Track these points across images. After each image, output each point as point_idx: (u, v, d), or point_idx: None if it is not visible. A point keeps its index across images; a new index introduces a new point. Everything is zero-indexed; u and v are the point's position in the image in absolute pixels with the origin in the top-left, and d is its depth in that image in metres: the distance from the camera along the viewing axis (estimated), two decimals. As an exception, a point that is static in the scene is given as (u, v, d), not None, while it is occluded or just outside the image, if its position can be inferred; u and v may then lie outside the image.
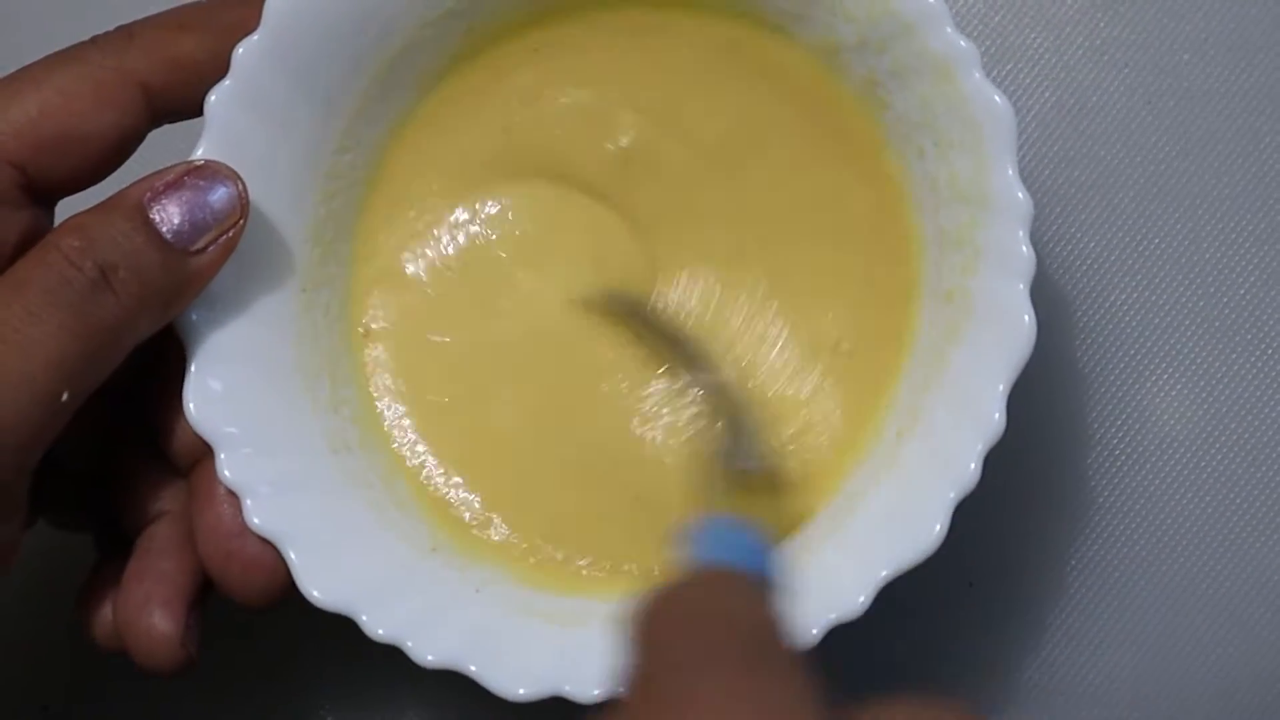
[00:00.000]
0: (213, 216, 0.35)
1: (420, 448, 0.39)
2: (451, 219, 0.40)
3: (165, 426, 0.36)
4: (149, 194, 0.34)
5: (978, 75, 0.35)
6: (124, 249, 0.33)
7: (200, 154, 0.36)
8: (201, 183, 0.35)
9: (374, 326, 0.40)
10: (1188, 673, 0.42)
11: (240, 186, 0.35)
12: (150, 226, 0.34)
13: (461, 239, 0.40)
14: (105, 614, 0.37)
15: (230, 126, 0.36)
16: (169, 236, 0.34)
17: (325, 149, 0.38)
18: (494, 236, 0.40)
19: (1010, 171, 0.35)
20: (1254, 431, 0.43)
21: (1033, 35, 0.45)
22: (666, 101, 0.40)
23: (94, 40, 0.36)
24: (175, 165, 0.35)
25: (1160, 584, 0.43)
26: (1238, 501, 0.43)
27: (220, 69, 0.36)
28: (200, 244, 0.34)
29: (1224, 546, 0.43)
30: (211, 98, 0.36)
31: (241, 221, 0.35)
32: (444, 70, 0.40)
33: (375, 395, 0.40)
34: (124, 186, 0.35)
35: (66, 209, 0.35)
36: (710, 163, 0.40)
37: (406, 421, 0.39)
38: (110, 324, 0.33)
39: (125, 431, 0.38)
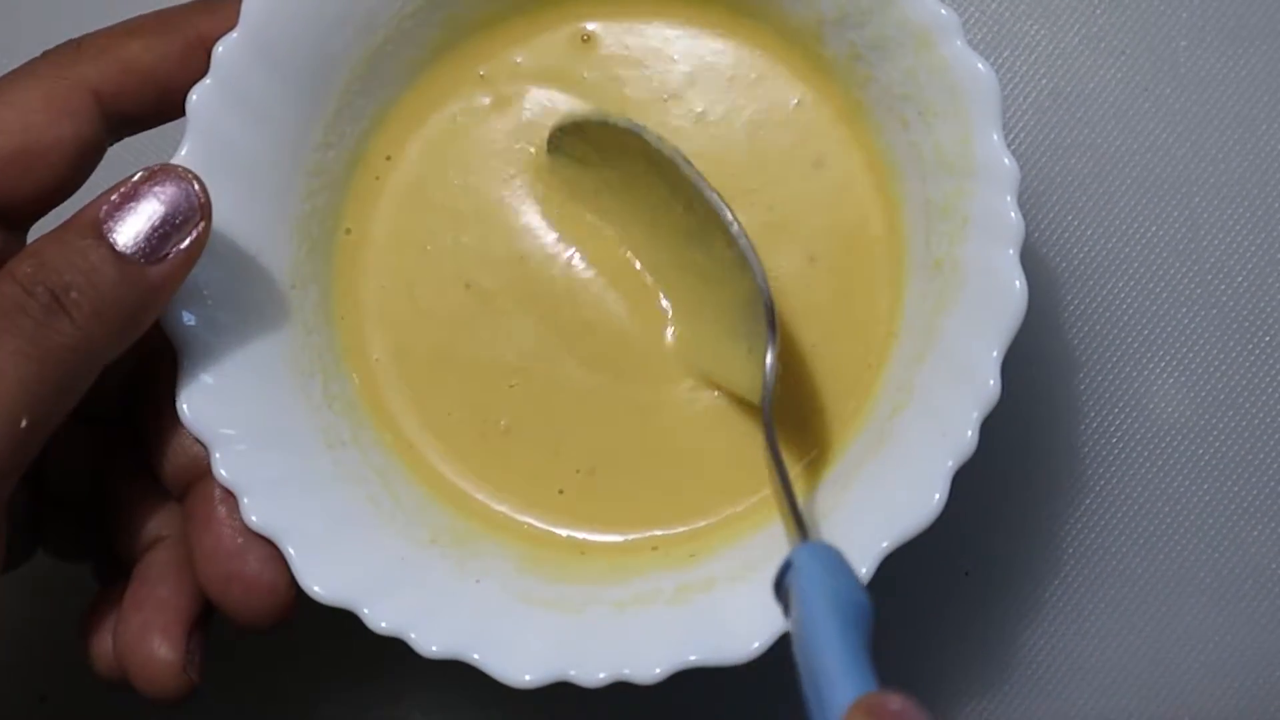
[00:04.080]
0: (171, 223, 0.34)
1: (418, 440, 0.39)
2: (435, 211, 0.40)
3: (157, 451, 0.36)
4: (105, 208, 0.34)
5: (959, 43, 0.35)
6: (79, 268, 0.33)
7: (184, 153, 0.36)
8: (157, 189, 0.34)
9: (366, 321, 0.40)
10: (1183, 657, 0.43)
11: (198, 187, 0.34)
12: (104, 242, 0.33)
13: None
14: (106, 644, 0.36)
15: (212, 125, 0.36)
16: (127, 249, 0.33)
17: (308, 145, 0.38)
18: (485, 230, 0.40)
19: (995, 138, 0.35)
20: (1251, 418, 0.43)
21: (1029, 23, 0.45)
22: (649, 89, 0.40)
23: (44, 54, 0.36)
24: (131, 175, 0.34)
25: (1156, 570, 0.43)
26: (1234, 488, 0.43)
27: (172, 72, 0.36)
28: (162, 252, 0.34)
29: (1220, 533, 0.43)
30: (193, 97, 0.36)
31: (203, 223, 0.34)
32: (425, 62, 0.40)
33: (368, 391, 0.40)
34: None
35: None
36: (693, 143, 0.40)
37: (401, 415, 0.40)
38: (67, 345, 0.32)
39: (118, 459, 0.38)
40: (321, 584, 0.35)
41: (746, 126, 0.40)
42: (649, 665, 0.34)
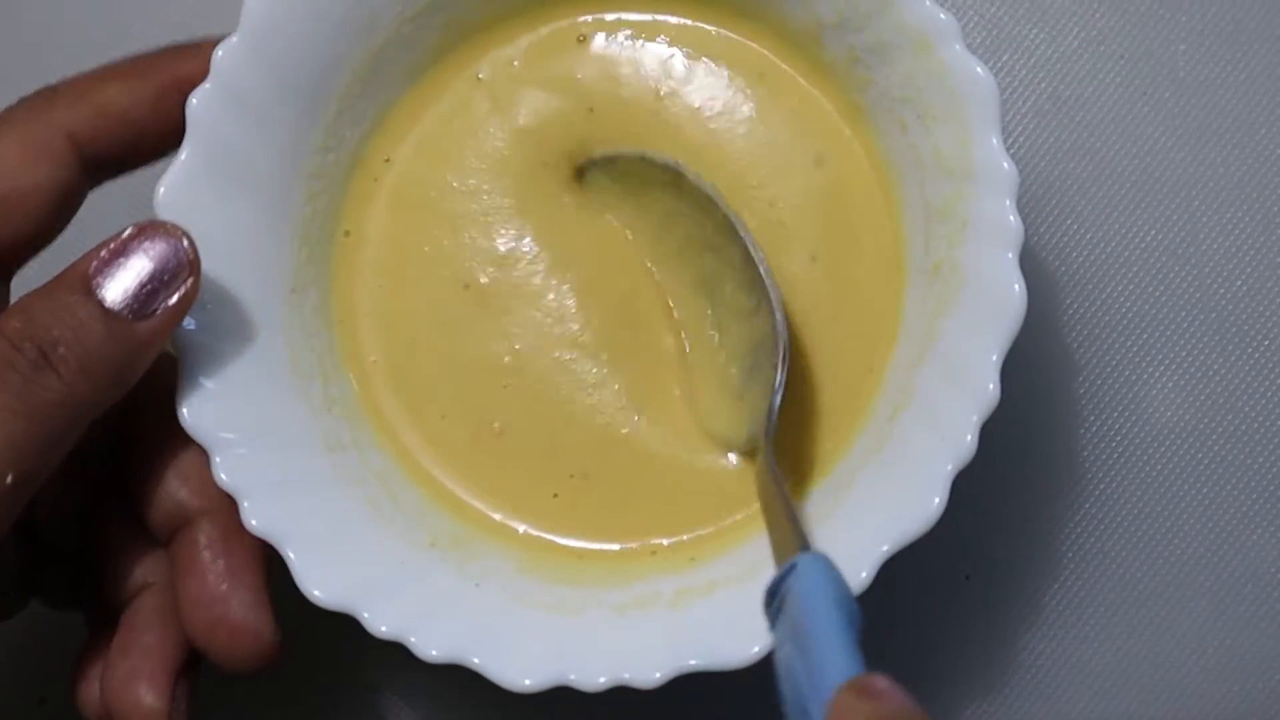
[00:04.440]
0: (159, 279, 0.34)
1: (413, 444, 0.39)
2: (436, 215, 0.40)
3: (143, 497, 0.36)
4: (94, 264, 0.34)
5: (958, 47, 0.35)
6: (67, 324, 0.33)
7: (183, 156, 0.36)
8: (146, 245, 0.34)
9: (364, 323, 0.40)
10: (1183, 660, 0.42)
11: (187, 244, 0.34)
12: (92, 298, 0.33)
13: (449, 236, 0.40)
14: (94, 691, 0.36)
15: (212, 129, 0.36)
16: (116, 305, 0.33)
17: (309, 148, 0.38)
18: (481, 231, 0.40)
19: (994, 141, 0.35)
20: (1249, 422, 0.43)
21: (1028, 26, 0.45)
22: (647, 87, 0.40)
23: (19, 101, 0.36)
24: (121, 230, 0.34)
25: (1156, 573, 0.43)
26: (1233, 491, 0.43)
27: (146, 115, 0.36)
28: (150, 308, 0.34)
29: (1218, 536, 0.43)
30: (193, 101, 0.36)
31: (191, 279, 0.34)
32: (425, 65, 0.40)
33: (367, 394, 0.40)
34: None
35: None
36: (692, 140, 0.40)
37: (400, 418, 0.40)
38: (54, 401, 0.32)
39: (106, 505, 0.37)
40: (321, 588, 0.35)
41: (746, 124, 0.40)
42: (649, 669, 0.34)
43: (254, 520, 0.35)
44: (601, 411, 0.39)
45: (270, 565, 0.36)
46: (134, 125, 0.36)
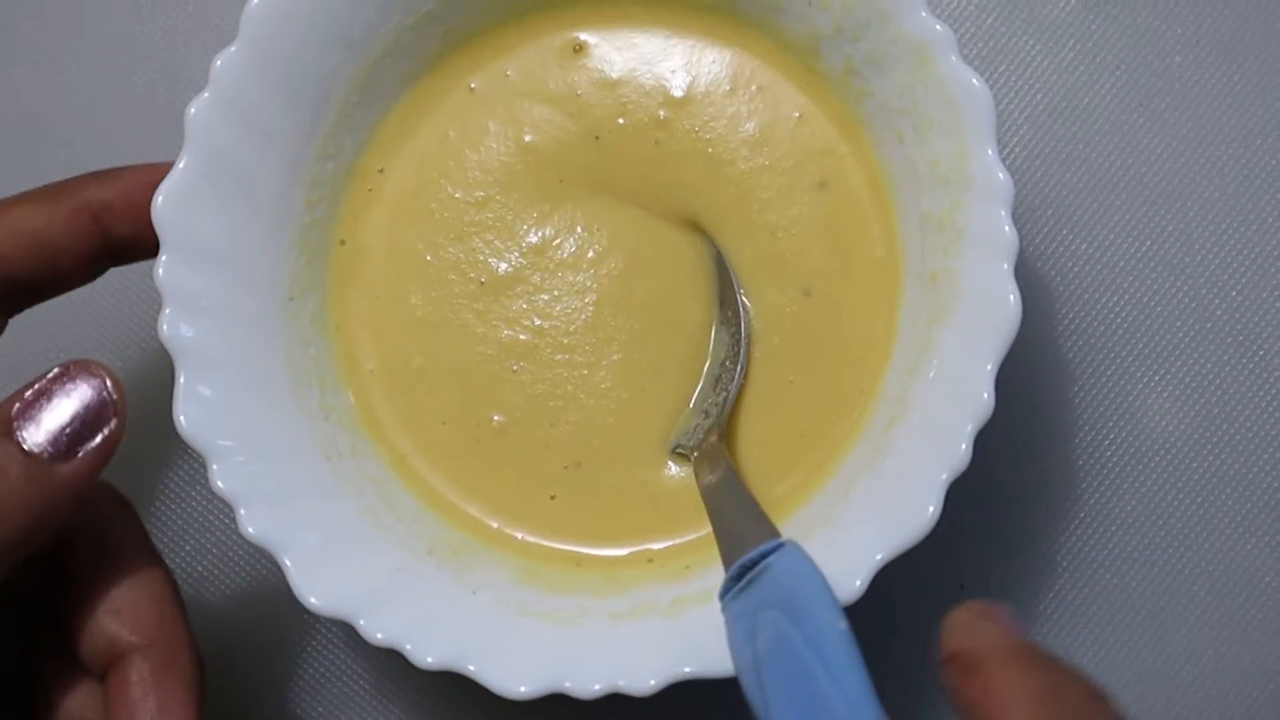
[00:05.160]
0: (82, 422, 0.34)
1: (410, 452, 0.39)
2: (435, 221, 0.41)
3: (76, 632, 0.36)
4: (17, 406, 0.34)
5: (954, 58, 0.35)
6: None
7: (182, 165, 0.36)
8: (69, 386, 0.34)
9: (360, 332, 0.40)
10: (1178, 670, 0.43)
11: (110, 384, 0.34)
12: (12, 441, 0.33)
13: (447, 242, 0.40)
14: None
15: (211, 138, 0.36)
16: (37, 448, 0.33)
17: (309, 157, 0.39)
18: (481, 239, 0.40)
19: (990, 153, 0.35)
20: (1245, 431, 0.43)
21: (1025, 38, 0.45)
22: (645, 102, 0.40)
23: None
24: (46, 371, 0.34)
25: (1150, 583, 0.43)
26: (1228, 502, 0.43)
27: (63, 237, 0.36)
28: (74, 450, 0.34)
29: (1214, 546, 0.43)
30: (191, 110, 0.36)
31: (115, 421, 0.34)
32: (419, 74, 0.40)
33: (364, 402, 0.40)
34: None
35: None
36: (695, 160, 0.40)
37: (397, 426, 0.40)
38: None
39: (43, 638, 0.37)
40: (318, 595, 0.35)
41: (749, 143, 0.40)
42: (644, 677, 0.34)
43: (250, 528, 0.35)
44: (602, 404, 0.39)
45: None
46: (47, 247, 0.36)
